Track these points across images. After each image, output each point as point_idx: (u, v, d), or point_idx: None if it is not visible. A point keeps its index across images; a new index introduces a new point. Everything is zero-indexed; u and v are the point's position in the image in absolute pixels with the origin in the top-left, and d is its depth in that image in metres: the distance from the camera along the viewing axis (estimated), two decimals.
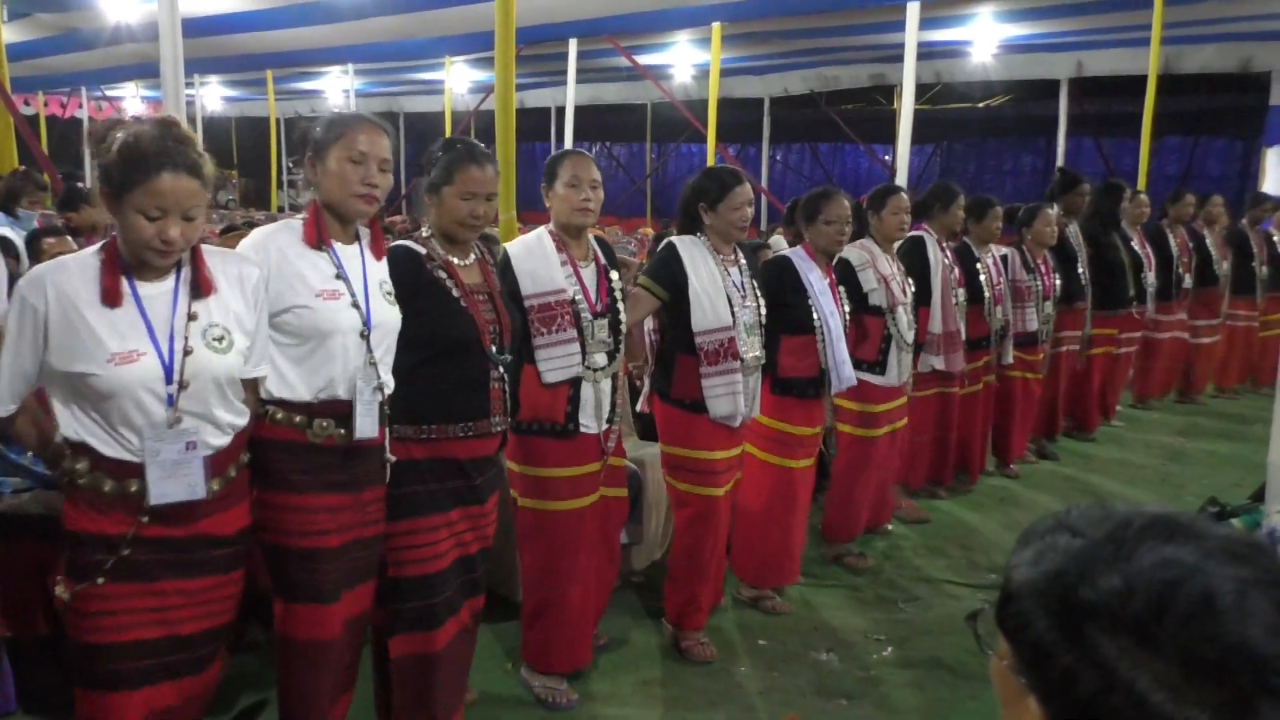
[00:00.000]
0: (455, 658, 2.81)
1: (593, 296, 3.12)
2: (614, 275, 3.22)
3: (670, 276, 3.41)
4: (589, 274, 3.15)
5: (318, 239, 2.43)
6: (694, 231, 3.52)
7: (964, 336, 4.97)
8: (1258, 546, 0.77)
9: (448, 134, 13.29)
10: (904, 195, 4.36)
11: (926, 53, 10.45)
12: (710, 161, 9.99)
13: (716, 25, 9.24)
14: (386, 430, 2.54)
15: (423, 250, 2.73)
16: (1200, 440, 6.60)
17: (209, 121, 19.19)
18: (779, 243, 6.79)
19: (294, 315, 2.37)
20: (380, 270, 2.56)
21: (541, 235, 3.15)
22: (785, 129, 17.48)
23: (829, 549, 4.45)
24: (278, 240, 2.42)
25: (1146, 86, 8.22)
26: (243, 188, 21.41)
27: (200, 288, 2.16)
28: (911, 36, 7.66)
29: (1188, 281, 7.04)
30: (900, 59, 7.93)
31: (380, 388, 2.47)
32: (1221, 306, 7.44)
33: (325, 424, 2.40)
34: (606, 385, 3.14)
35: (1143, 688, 0.72)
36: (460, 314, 2.68)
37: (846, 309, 3.96)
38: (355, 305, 2.43)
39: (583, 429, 3.09)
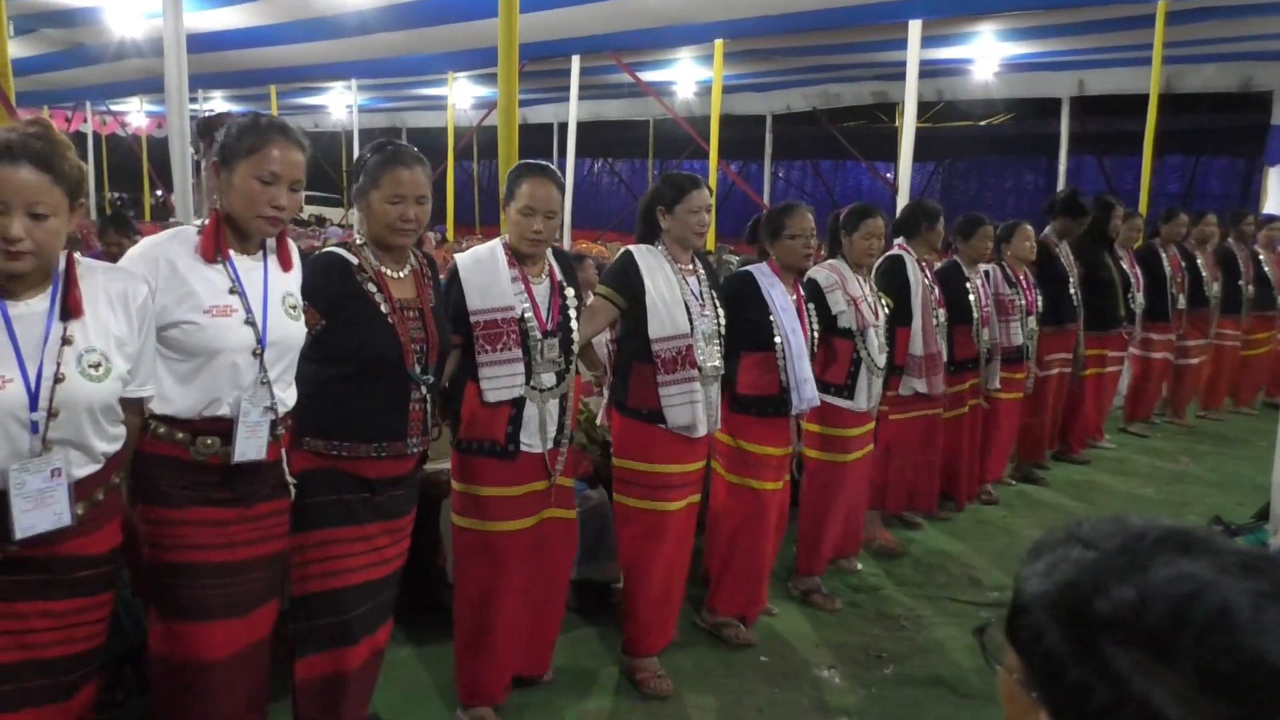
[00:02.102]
0: (365, 679, 2.76)
1: (544, 314, 3.02)
2: (569, 292, 3.12)
3: (628, 284, 3.32)
4: (541, 291, 3.05)
5: (215, 252, 2.29)
6: (653, 241, 3.44)
7: (949, 357, 4.88)
8: (1272, 560, 0.76)
9: (450, 150, 13.37)
10: (880, 219, 4.17)
11: (928, 70, 10.49)
12: (713, 179, 10.00)
13: (719, 42, 9.28)
14: (282, 450, 2.43)
15: (354, 259, 2.62)
16: (1202, 460, 6.58)
17: None
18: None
19: (180, 331, 2.23)
20: (287, 282, 2.43)
21: (495, 249, 3.04)
22: (787, 146, 17.57)
23: (798, 582, 4.21)
24: (167, 250, 2.26)
25: (1148, 105, 8.24)
26: None
27: (70, 308, 2.00)
28: (913, 54, 7.69)
29: (1181, 302, 6.98)
30: (902, 77, 7.96)
31: (273, 407, 2.35)
32: (1211, 327, 7.39)
33: (209, 442, 2.29)
34: (554, 406, 3.03)
35: (1157, 702, 0.71)
36: (385, 331, 2.57)
37: (815, 327, 3.85)
38: (250, 322, 2.30)
39: (524, 448, 2.99)
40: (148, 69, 10.12)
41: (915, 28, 7.65)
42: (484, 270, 2.98)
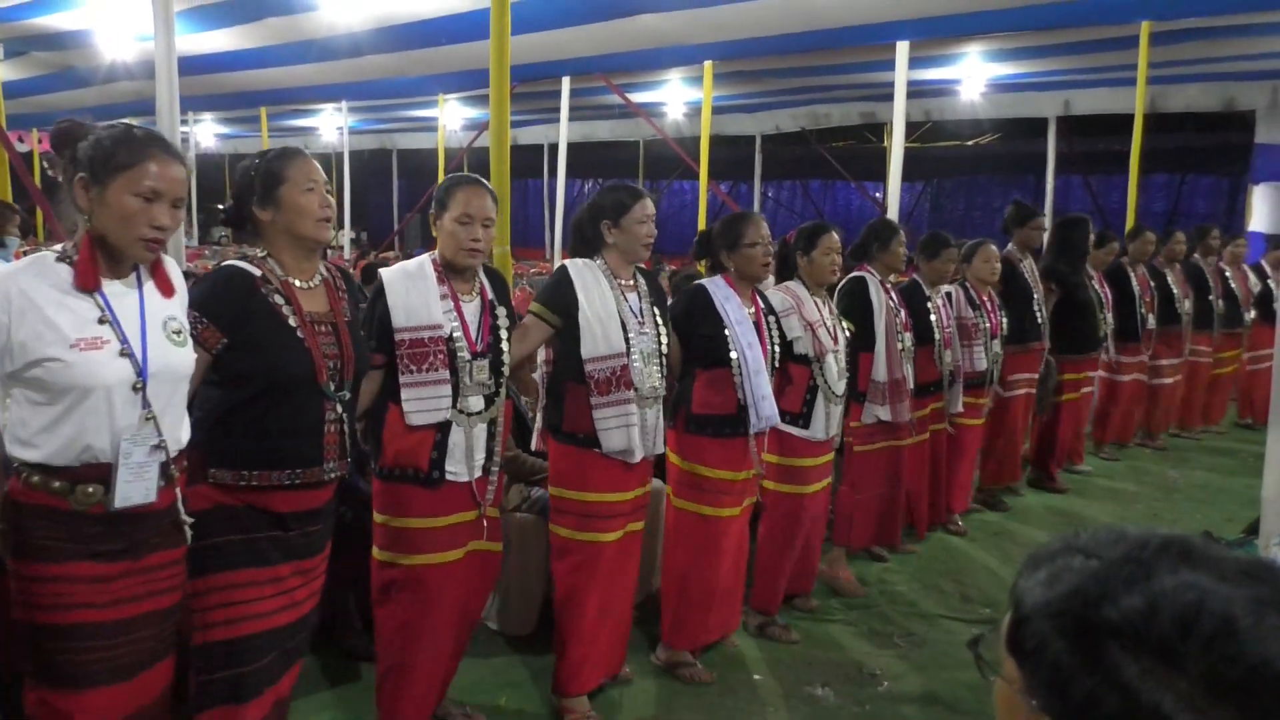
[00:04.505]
0: None
1: (473, 334, 2.87)
2: (500, 311, 2.97)
3: (562, 301, 3.16)
4: (471, 309, 2.90)
5: (94, 279, 2.05)
6: (587, 255, 3.28)
7: (912, 383, 4.61)
8: (1270, 568, 0.77)
9: (440, 172, 13.39)
10: (835, 234, 4.00)
11: (916, 91, 10.57)
12: (703, 199, 10.05)
13: (708, 64, 9.33)
14: (177, 491, 2.18)
15: (256, 272, 2.41)
16: (1190, 475, 6.60)
17: (202, 158, 19.26)
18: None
19: (44, 370, 1.98)
20: (168, 307, 2.19)
21: (424, 264, 2.90)
22: (777, 166, 17.66)
23: (753, 617, 4.01)
24: (21, 281, 2.01)
25: (1133, 125, 8.31)
26: None
27: None
28: (901, 75, 7.75)
29: (1151, 322, 6.82)
30: (890, 97, 8.02)
31: (162, 445, 2.10)
32: (1184, 345, 7.23)
33: (90, 490, 2.04)
34: (481, 430, 2.88)
35: (1167, 709, 0.72)
36: (295, 346, 2.37)
37: (776, 341, 3.68)
38: (127, 354, 2.05)
39: (450, 476, 2.83)
40: (138, 92, 10.11)
41: (903, 49, 7.71)
42: (411, 286, 2.84)
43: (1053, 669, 0.78)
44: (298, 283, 2.45)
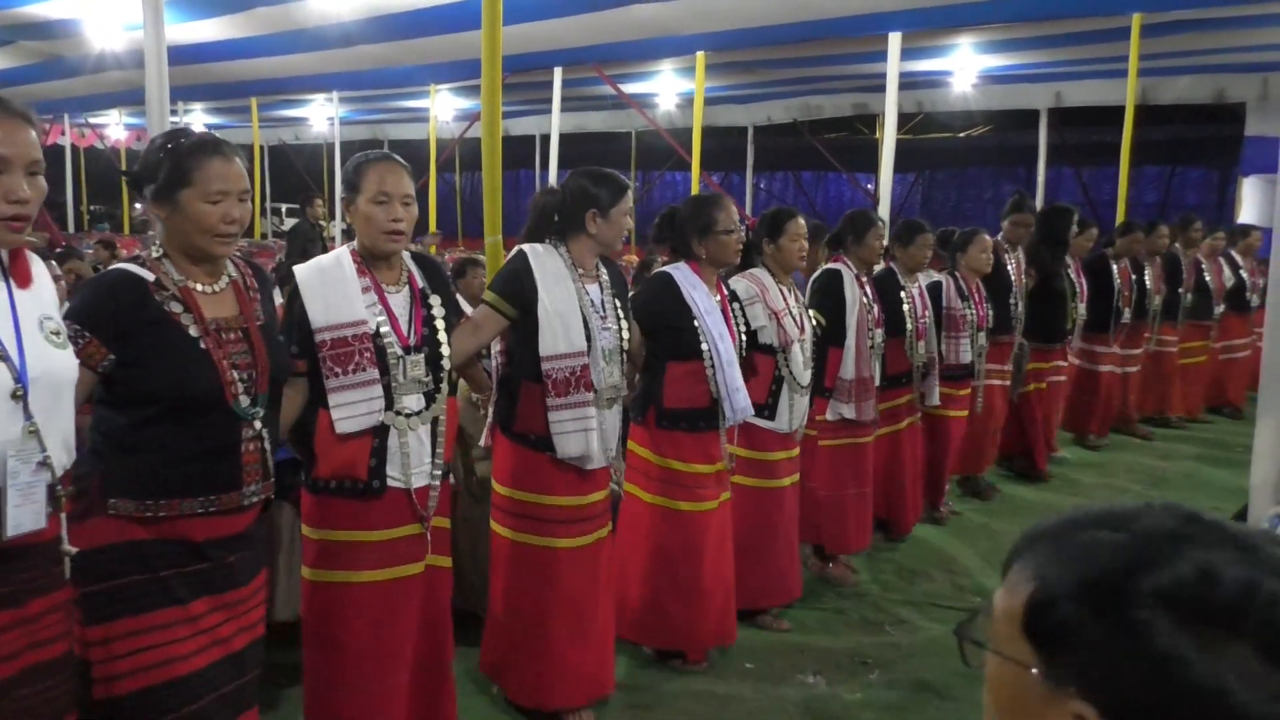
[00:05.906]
0: None
1: (404, 328, 2.60)
2: (434, 300, 2.70)
3: (520, 292, 2.94)
4: (399, 301, 2.64)
5: None
6: (544, 241, 3.06)
7: (882, 375, 4.53)
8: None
9: (432, 162, 13.36)
10: (801, 219, 3.90)
11: (908, 83, 10.58)
12: (695, 190, 10.04)
13: (701, 54, 9.32)
14: (63, 517, 1.85)
15: (150, 275, 2.11)
16: (1180, 464, 6.64)
17: None
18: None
19: None
20: (39, 303, 1.85)
21: (341, 256, 2.62)
22: (769, 157, 17.70)
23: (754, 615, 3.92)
24: None
25: (1124, 117, 8.33)
26: None
27: None
28: (893, 67, 7.75)
29: (1126, 315, 6.78)
30: (882, 89, 8.02)
31: (47, 463, 1.78)
32: (1150, 335, 7.21)
33: None
34: (423, 433, 2.61)
35: (1221, 681, 0.69)
36: (197, 360, 2.08)
37: (743, 330, 3.59)
38: (1, 357, 1.73)
39: (391, 484, 2.57)
40: (127, 81, 10.08)
41: (895, 40, 7.71)
42: (327, 280, 2.57)
43: (1093, 651, 0.73)
44: (199, 287, 2.16)
